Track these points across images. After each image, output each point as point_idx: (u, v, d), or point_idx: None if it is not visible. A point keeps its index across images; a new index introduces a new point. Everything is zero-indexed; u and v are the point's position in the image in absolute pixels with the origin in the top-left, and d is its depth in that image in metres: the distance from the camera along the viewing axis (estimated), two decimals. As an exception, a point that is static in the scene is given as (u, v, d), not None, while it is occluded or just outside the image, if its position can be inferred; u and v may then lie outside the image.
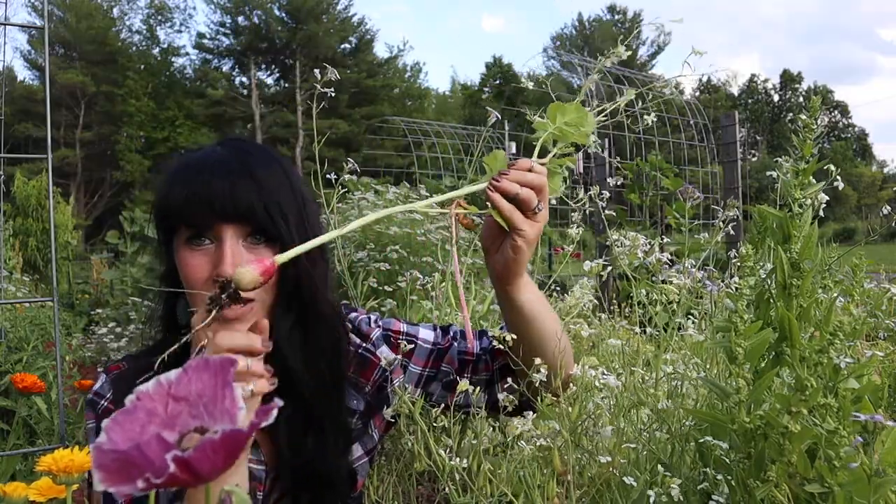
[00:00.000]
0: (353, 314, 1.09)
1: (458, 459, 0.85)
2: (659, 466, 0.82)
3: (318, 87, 1.33)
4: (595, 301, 1.58)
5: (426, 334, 1.09)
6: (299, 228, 0.89)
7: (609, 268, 1.27)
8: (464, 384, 0.92)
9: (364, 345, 1.05)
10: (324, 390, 0.95)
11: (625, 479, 0.81)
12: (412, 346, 1.06)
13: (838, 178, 0.81)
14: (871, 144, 49.91)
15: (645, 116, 1.15)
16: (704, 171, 6.96)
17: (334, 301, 1.01)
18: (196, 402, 0.35)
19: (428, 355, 1.07)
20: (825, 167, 0.81)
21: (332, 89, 1.33)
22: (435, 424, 0.89)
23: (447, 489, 0.86)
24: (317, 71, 1.33)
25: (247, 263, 0.65)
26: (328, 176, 1.58)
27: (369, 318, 1.08)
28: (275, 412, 0.32)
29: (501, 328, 1.02)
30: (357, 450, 1.02)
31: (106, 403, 0.96)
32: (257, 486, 0.95)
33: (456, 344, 1.08)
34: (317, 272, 0.93)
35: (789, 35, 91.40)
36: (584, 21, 41.19)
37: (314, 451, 0.93)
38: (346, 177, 1.55)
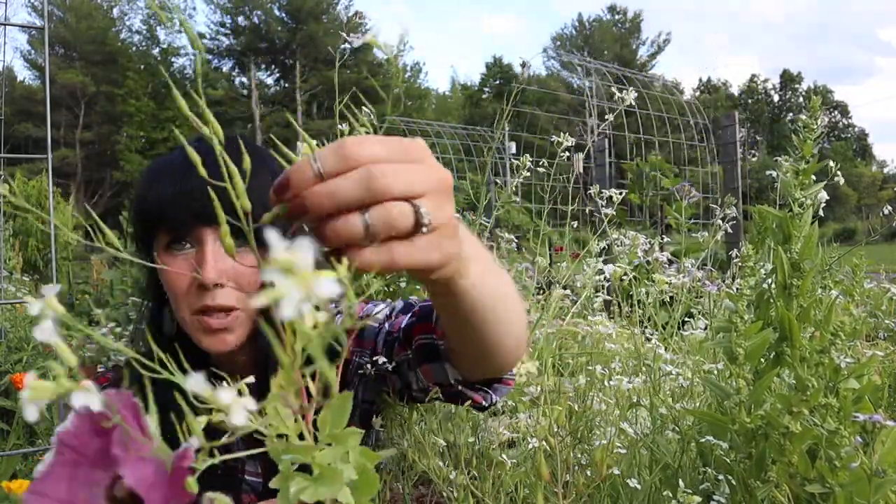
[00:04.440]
0: None
1: (449, 468, 0.84)
2: (675, 483, 0.82)
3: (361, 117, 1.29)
4: (604, 300, 1.58)
5: (382, 311, 0.94)
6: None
7: (617, 269, 1.26)
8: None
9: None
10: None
11: (629, 481, 0.81)
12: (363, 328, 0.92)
13: (838, 174, 0.81)
14: (871, 144, 49.96)
15: (625, 94, 1.13)
16: (704, 171, 6.96)
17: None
18: (118, 436, 0.31)
19: (375, 336, 0.93)
20: (824, 166, 0.81)
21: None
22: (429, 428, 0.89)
23: (444, 493, 0.86)
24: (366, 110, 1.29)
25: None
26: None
27: (338, 306, 1.00)
28: (192, 453, 0.29)
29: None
30: None
31: None
32: (249, 499, 0.92)
33: (387, 325, 0.91)
34: None
35: (787, 36, 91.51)
36: (584, 21, 41.22)
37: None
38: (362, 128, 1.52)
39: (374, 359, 0.87)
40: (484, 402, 0.83)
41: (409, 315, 0.88)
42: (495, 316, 0.59)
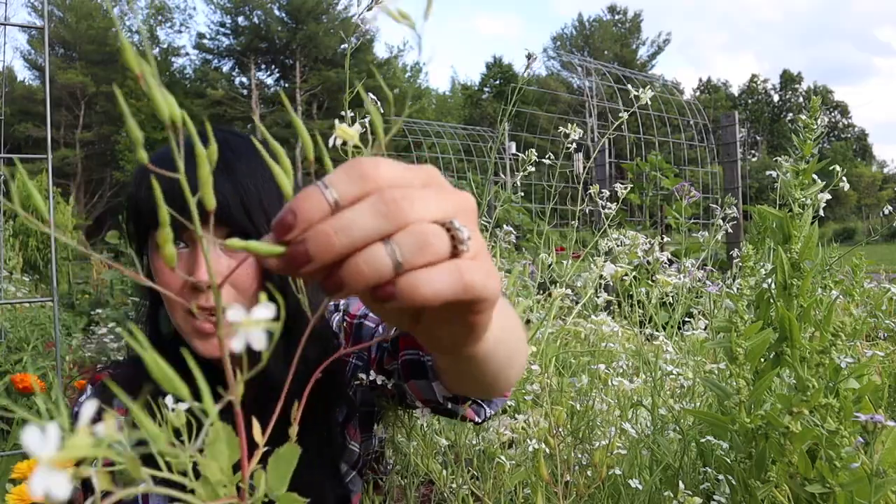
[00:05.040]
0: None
1: (451, 474, 0.83)
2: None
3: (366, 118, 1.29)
4: (605, 301, 1.58)
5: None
6: None
7: (618, 269, 1.26)
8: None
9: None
10: (312, 409, 0.80)
11: (630, 481, 0.81)
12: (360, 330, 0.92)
13: (843, 179, 0.81)
14: (871, 145, 49.97)
15: (642, 94, 1.13)
16: (704, 171, 6.96)
17: (323, 309, 0.93)
18: None
19: (371, 339, 0.91)
20: (829, 168, 0.81)
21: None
22: (432, 433, 0.89)
23: (444, 493, 0.86)
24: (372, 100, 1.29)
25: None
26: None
27: (336, 305, 0.97)
28: None
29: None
30: (342, 466, 0.93)
31: None
32: None
33: (381, 328, 0.91)
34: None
35: (787, 35, 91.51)
36: (584, 21, 41.23)
37: (303, 476, 0.86)
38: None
39: (372, 378, 0.86)
40: (478, 419, 0.80)
41: None
42: (499, 355, 0.52)
